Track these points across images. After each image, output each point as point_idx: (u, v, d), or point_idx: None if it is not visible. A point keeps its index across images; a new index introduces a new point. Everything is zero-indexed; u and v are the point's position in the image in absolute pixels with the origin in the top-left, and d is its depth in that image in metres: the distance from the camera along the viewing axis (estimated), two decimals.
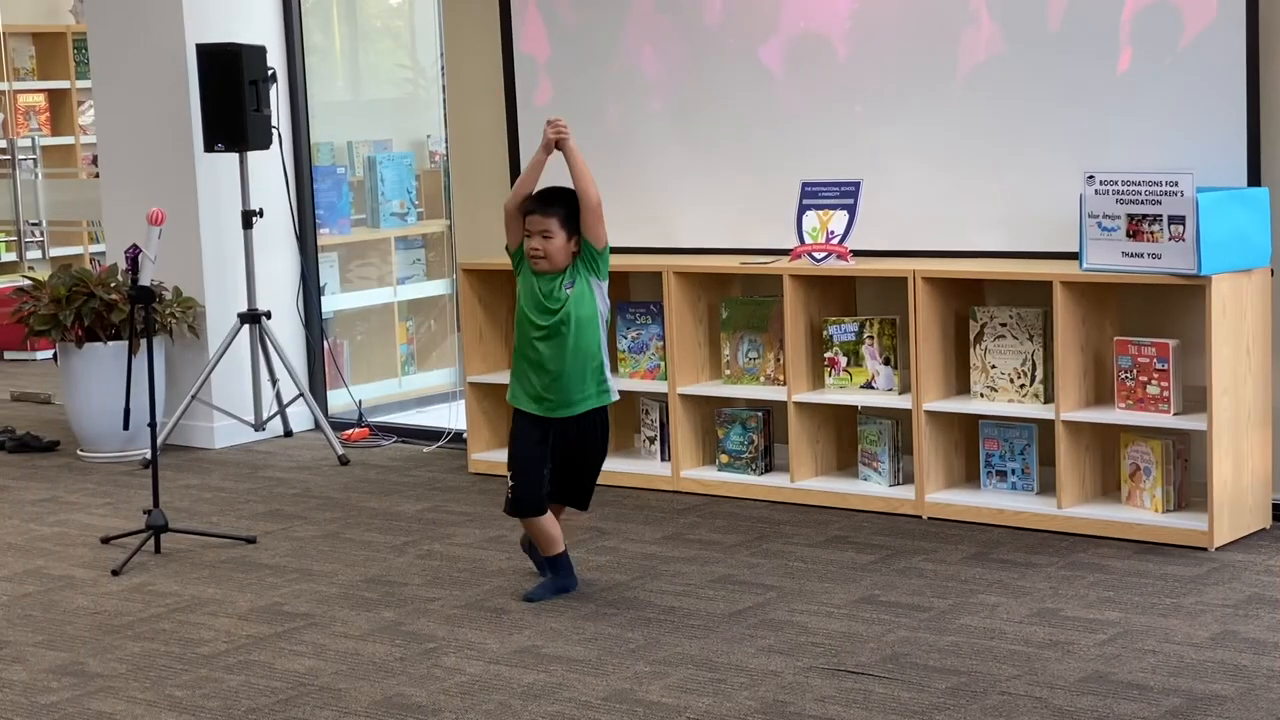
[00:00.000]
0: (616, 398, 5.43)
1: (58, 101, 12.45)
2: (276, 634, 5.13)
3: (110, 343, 7.64)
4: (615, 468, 6.81)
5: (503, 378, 7.18)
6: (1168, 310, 5.87)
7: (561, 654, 4.82)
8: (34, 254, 11.60)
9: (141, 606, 5.48)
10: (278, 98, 7.93)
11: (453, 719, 4.37)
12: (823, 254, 6.29)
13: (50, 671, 4.88)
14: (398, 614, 5.26)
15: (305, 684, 4.68)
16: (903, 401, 6.18)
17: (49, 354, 9.63)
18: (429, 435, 7.87)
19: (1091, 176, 5.63)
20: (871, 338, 6.28)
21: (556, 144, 5.26)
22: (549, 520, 5.36)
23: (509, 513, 5.39)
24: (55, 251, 11.74)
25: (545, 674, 4.66)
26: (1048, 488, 5.95)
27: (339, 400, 8.34)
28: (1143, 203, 5.52)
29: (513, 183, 7.28)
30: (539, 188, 5.30)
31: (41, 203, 11.35)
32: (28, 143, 11.69)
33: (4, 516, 6.78)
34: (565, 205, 5.25)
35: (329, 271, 8.53)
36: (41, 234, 11.61)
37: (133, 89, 8.06)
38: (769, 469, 6.58)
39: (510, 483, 5.33)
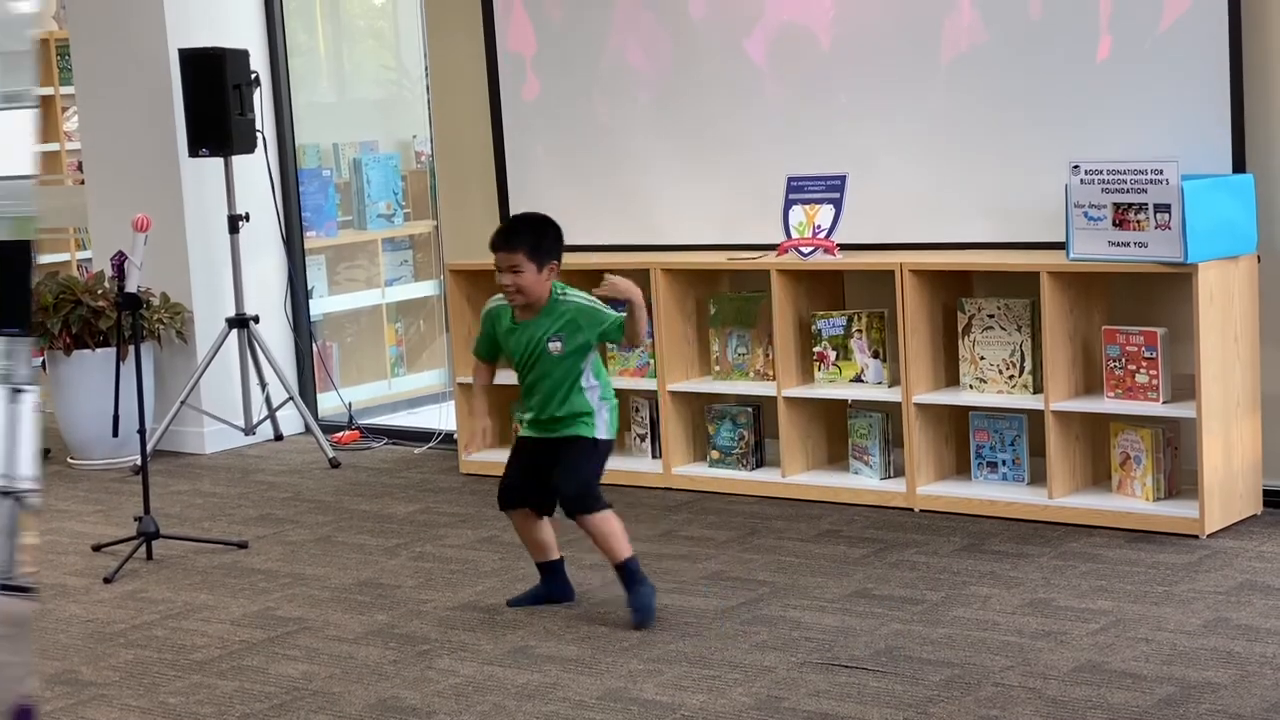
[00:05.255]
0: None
1: (41, 108, 12.44)
2: (269, 639, 5.12)
3: (98, 350, 7.64)
4: (607, 465, 6.81)
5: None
6: (1155, 299, 5.87)
7: (555, 654, 4.82)
8: None
9: (134, 614, 5.47)
10: (262, 101, 7.91)
11: None
12: (810, 248, 6.29)
13: (44, 680, 4.87)
14: (391, 617, 5.26)
15: (299, 688, 4.68)
16: (892, 394, 6.18)
17: (37, 362, 9.59)
18: (420, 437, 7.86)
19: (1077, 166, 5.63)
20: (860, 331, 6.28)
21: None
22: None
23: None
24: (41, 259, 11.74)
25: (539, 674, 4.66)
26: (1038, 478, 5.95)
27: (329, 403, 8.33)
28: (1128, 191, 5.52)
29: (499, 182, 7.29)
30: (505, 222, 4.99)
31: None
32: None
33: None
34: (531, 234, 5.01)
35: (317, 274, 8.52)
36: None
37: (116, 95, 8.04)
38: (760, 464, 6.57)
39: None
